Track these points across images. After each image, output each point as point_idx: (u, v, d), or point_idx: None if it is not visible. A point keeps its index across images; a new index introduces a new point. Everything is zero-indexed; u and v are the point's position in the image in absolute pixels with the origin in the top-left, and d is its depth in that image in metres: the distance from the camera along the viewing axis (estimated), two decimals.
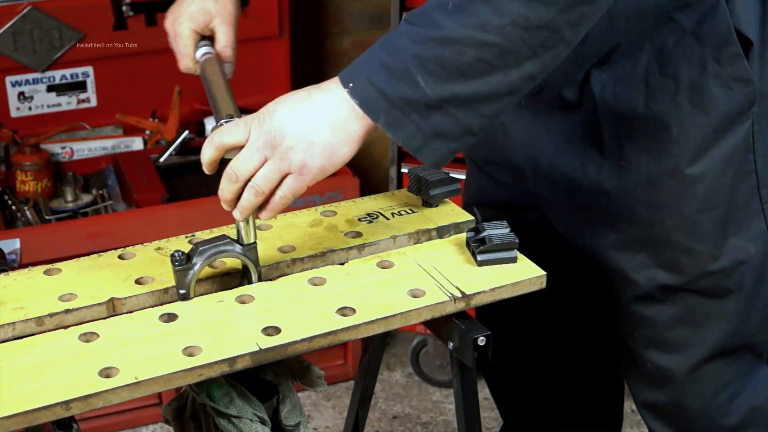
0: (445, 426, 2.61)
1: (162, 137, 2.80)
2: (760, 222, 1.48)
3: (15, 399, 1.08)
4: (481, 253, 1.33)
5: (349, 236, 1.41)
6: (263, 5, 2.83)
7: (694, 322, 1.52)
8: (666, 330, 1.53)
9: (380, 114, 1.19)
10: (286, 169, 1.22)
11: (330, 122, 1.21)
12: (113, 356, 1.16)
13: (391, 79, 1.17)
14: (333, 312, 1.25)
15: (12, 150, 2.66)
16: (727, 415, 1.59)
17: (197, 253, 1.27)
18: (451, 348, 1.31)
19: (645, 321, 1.54)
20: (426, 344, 2.71)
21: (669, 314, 1.52)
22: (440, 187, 1.48)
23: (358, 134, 1.22)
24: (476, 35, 1.14)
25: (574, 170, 1.49)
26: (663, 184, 1.44)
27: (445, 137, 1.20)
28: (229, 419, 1.25)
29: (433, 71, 1.16)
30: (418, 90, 1.16)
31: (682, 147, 1.41)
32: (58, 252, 2.27)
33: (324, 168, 1.23)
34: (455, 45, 1.15)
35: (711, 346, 1.53)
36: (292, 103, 1.23)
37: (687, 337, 1.53)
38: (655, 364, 1.57)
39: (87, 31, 2.69)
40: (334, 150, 1.22)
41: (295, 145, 1.21)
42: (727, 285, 1.49)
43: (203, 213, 2.43)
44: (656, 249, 1.48)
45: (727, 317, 1.51)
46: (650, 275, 1.50)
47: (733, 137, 1.42)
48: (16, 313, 1.24)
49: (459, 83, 1.16)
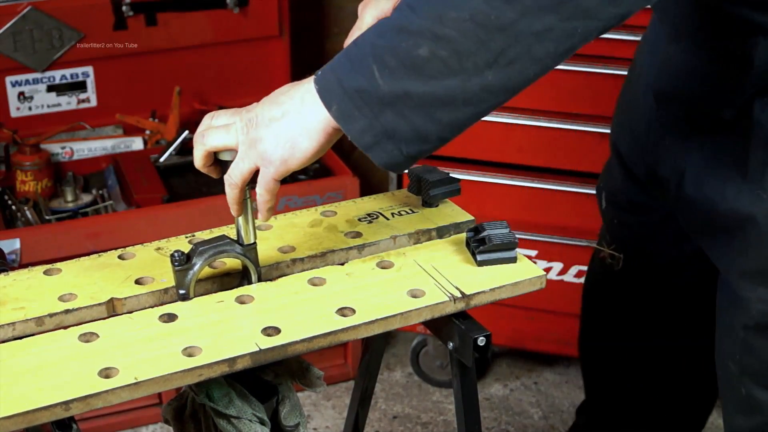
0: (445, 426, 2.61)
1: (162, 137, 2.80)
2: None
3: (15, 399, 1.08)
4: (481, 253, 1.33)
5: (349, 236, 1.41)
6: (263, 5, 2.84)
7: None
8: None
9: (333, 103, 1.14)
10: (255, 158, 1.20)
11: (294, 112, 1.17)
12: (113, 356, 1.16)
13: (351, 69, 1.13)
14: (333, 312, 1.25)
15: (12, 150, 2.66)
16: None
17: (197, 253, 1.27)
18: (451, 348, 1.31)
19: (750, 350, 1.52)
20: (426, 344, 2.71)
21: None
22: (440, 187, 1.48)
23: (315, 127, 1.16)
24: (433, 27, 1.08)
25: (714, 191, 1.47)
26: None
27: (397, 139, 1.13)
28: (228, 419, 1.25)
29: (388, 63, 1.10)
30: (372, 82, 1.11)
31: None
32: (58, 252, 2.27)
33: (285, 160, 1.18)
34: (412, 36, 1.09)
35: None
36: (273, 95, 1.21)
37: None
38: (750, 394, 1.55)
39: (87, 31, 2.69)
40: (294, 142, 1.18)
41: (263, 136, 1.19)
42: None
43: (203, 213, 2.43)
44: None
45: None
46: (766, 309, 1.46)
47: None
48: (16, 313, 1.24)
49: (413, 80, 1.10)
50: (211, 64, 2.89)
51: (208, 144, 1.25)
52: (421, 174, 1.49)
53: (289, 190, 2.54)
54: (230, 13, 2.81)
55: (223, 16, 2.81)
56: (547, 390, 2.75)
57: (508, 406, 2.68)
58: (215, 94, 2.92)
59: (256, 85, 2.93)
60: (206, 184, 2.66)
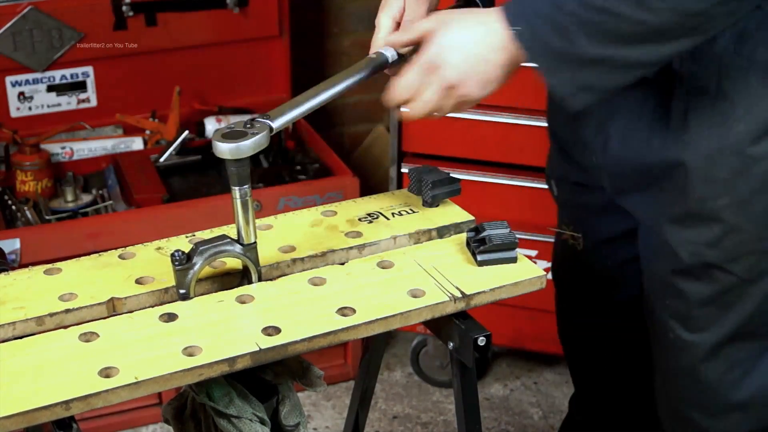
0: (445, 426, 2.61)
1: (162, 137, 2.80)
2: None
3: (15, 399, 1.08)
4: (481, 253, 1.33)
5: (350, 236, 1.41)
6: (263, 5, 2.84)
7: (723, 302, 1.56)
8: (696, 308, 1.58)
9: (540, 59, 1.33)
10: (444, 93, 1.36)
11: (492, 62, 1.35)
12: (113, 356, 1.16)
13: (554, 33, 1.30)
14: (333, 312, 1.25)
15: (12, 150, 2.66)
16: (737, 391, 1.64)
17: (197, 253, 1.27)
18: (451, 348, 1.31)
19: (679, 294, 1.58)
20: (426, 344, 2.71)
21: (702, 292, 1.56)
22: (440, 187, 1.48)
23: (506, 64, 1.36)
24: (636, 14, 1.27)
25: (640, 144, 1.53)
26: (723, 161, 1.47)
27: (592, 91, 1.35)
28: (228, 419, 1.25)
29: (592, 34, 1.29)
30: (575, 47, 1.30)
31: (746, 126, 1.45)
32: (58, 252, 2.27)
33: (475, 99, 1.37)
34: (616, 17, 1.27)
35: (733, 328, 1.58)
36: (454, 38, 1.35)
37: (713, 317, 1.58)
38: (678, 337, 1.62)
39: (87, 31, 2.69)
40: (488, 82, 1.36)
41: (459, 80, 1.35)
42: (763, 268, 1.53)
43: (203, 213, 2.43)
44: (706, 225, 1.51)
45: (753, 301, 1.56)
46: (695, 251, 1.53)
47: None
48: (16, 313, 1.24)
49: (614, 48, 1.30)
50: (211, 64, 2.89)
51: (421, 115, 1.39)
52: (421, 174, 1.49)
53: (289, 190, 2.54)
54: (230, 13, 2.81)
55: (223, 16, 2.81)
56: (547, 390, 2.75)
57: (508, 406, 2.68)
58: (215, 94, 2.92)
59: (256, 85, 2.94)
60: (206, 184, 2.66)
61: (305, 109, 1.34)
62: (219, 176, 2.67)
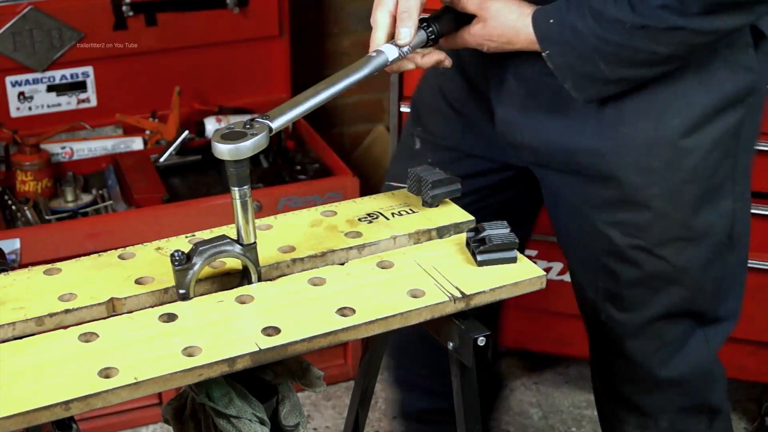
0: None
1: (162, 137, 2.80)
2: (728, 202, 1.62)
3: (15, 399, 1.08)
4: (481, 254, 1.33)
5: (349, 236, 1.41)
6: (263, 5, 2.84)
7: (652, 285, 1.65)
8: (626, 288, 1.66)
9: (568, 80, 1.50)
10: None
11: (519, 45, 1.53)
12: (113, 356, 1.16)
13: (579, 60, 1.47)
14: (333, 312, 1.25)
15: (12, 150, 2.66)
16: (667, 369, 1.73)
17: (197, 253, 1.27)
18: (451, 348, 1.31)
19: (611, 275, 1.66)
20: None
21: (633, 274, 1.64)
22: (440, 187, 1.48)
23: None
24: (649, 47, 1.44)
25: (573, 132, 1.59)
26: (657, 151, 1.55)
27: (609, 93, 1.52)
28: (228, 419, 1.25)
29: (611, 61, 1.46)
30: (599, 71, 1.47)
31: (681, 119, 1.54)
32: (58, 252, 2.27)
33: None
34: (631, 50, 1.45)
35: (662, 309, 1.67)
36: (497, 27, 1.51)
37: (643, 298, 1.67)
38: (609, 316, 1.70)
39: (87, 31, 2.69)
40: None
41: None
42: (690, 254, 1.63)
43: (203, 213, 2.43)
44: (637, 211, 1.59)
45: (683, 285, 1.65)
46: (626, 233, 1.61)
47: (727, 120, 1.55)
48: (16, 313, 1.24)
49: (631, 70, 1.48)
50: (211, 64, 2.89)
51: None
52: (421, 174, 1.49)
53: (289, 190, 2.54)
54: (230, 13, 2.82)
55: (223, 16, 2.82)
56: (547, 390, 2.75)
57: (508, 406, 2.68)
58: (215, 94, 2.92)
59: (256, 85, 2.94)
60: (206, 184, 2.66)
61: (305, 109, 1.34)
62: (219, 176, 2.68)
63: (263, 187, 2.55)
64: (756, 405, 2.57)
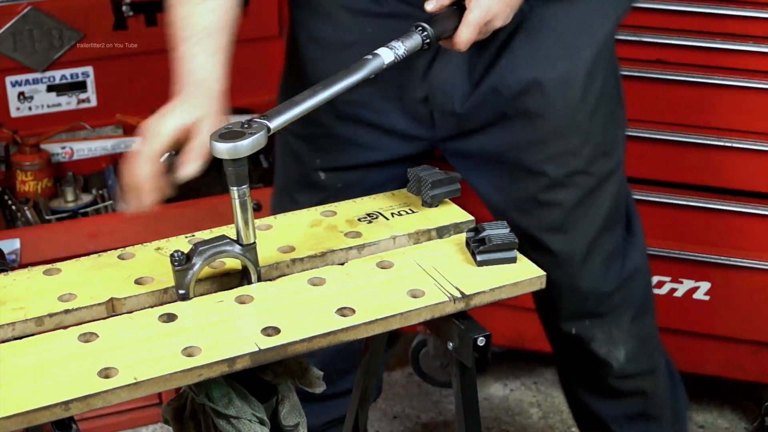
0: (445, 426, 2.61)
1: None
2: (622, 112, 1.84)
3: (15, 399, 1.08)
4: (480, 254, 1.33)
5: (349, 236, 1.41)
6: (263, 5, 2.84)
7: (590, 200, 1.80)
8: (569, 210, 1.79)
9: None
10: None
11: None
12: (113, 356, 1.16)
13: None
14: (332, 312, 1.25)
15: (12, 150, 2.66)
16: (614, 279, 1.90)
17: (197, 253, 1.27)
18: (451, 348, 1.31)
19: (549, 207, 1.79)
20: (426, 344, 2.71)
21: (573, 196, 1.78)
22: (440, 188, 1.48)
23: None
24: None
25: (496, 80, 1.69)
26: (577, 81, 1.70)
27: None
28: (227, 419, 1.25)
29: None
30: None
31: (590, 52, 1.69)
32: (58, 252, 2.27)
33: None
34: None
35: (601, 222, 1.83)
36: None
37: (584, 214, 1.81)
38: (557, 249, 1.82)
39: (87, 31, 2.69)
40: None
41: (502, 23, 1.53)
42: (610, 164, 1.81)
43: (203, 213, 2.43)
44: (565, 139, 1.73)
45: (610, 194, 1.83)
46: (559, 162, 1.75)
47: (612, 39, 1.76)
48: (15, 313, 1.24)
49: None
50: None
51: None
52: (421, 174, 1.49)
53: None
54: None
55: None
56: (547, 390, 2.75)
57: (507, 406, 2.68)
58: None
59: (256, 85, 2.93)
60: (206, 184, 2.66)
61: (303, 109, 1.34)
62: (219, 176, 2.65)
63: (263, 187, 2.55)
64: (756, 405, 2.57)
